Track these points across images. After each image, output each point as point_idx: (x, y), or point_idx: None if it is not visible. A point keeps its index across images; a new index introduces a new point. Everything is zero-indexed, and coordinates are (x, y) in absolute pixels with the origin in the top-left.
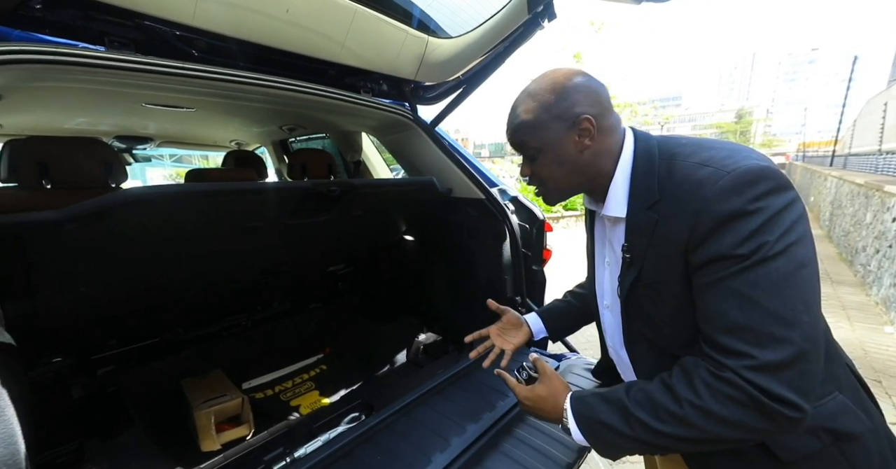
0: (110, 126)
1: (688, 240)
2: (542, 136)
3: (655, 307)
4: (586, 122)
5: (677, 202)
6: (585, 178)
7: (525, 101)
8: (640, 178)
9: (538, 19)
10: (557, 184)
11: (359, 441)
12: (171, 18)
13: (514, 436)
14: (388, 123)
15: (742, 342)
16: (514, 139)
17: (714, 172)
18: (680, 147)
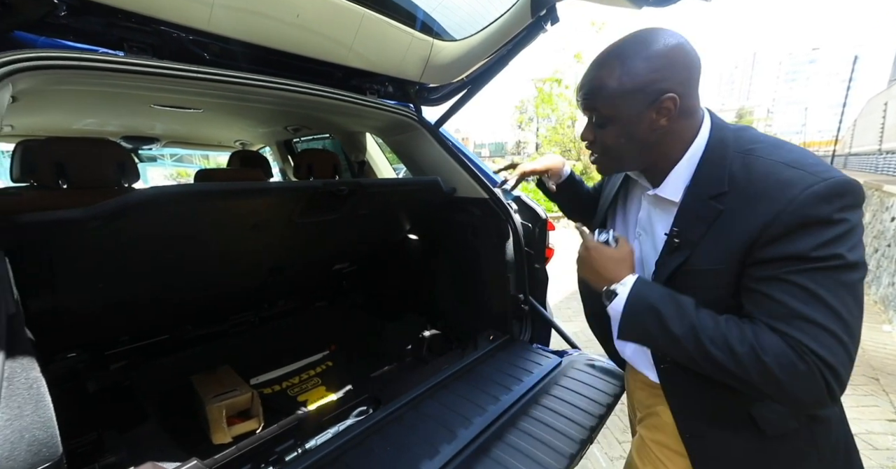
0: (118, 127)
1: (759, 235)
2: (618, 106)
3: (695, 293)
4: (670, 101)
5: (752, 198)
6: (647, 158)
7: (611, 62)
8: (708, 167)
9: (541, 23)
10: (620, 157)
11: (368, 432)
12: (188, 24)
13: (518, 428)
14: (394, 124)
15: (804, 333)
16: (586, 102)
17: (806, 176)
18: (757, 143)
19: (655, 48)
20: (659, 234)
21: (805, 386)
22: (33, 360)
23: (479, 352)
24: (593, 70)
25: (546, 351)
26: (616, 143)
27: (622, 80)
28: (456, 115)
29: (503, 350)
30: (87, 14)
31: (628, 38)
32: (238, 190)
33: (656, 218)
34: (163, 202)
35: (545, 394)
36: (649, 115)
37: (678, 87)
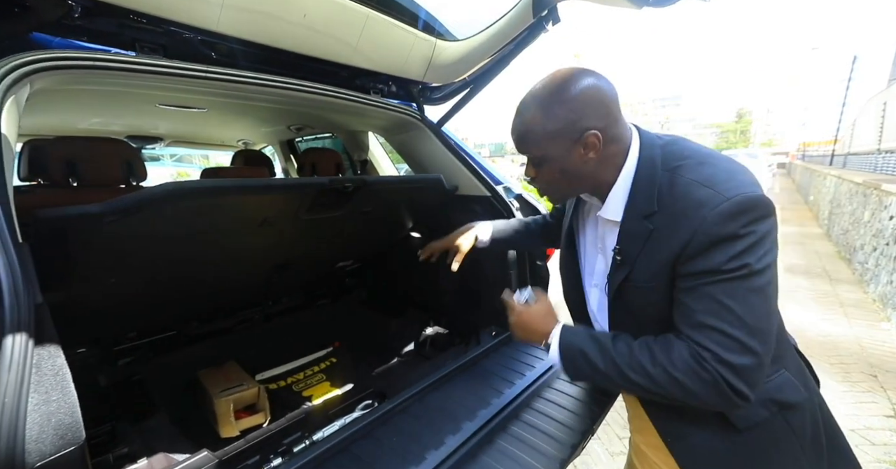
0: (122, 126)
1: (680, 252)
2: (546, 148)
3: (641, 306)
4: (593, 137)
5: (674, 217)
6: (587, 185)
7: (531, 109)
8: (640, 187)
9: (543, 23)
10: (560, 189)
11: (376, 423)
12: (198, 25)
13: (522, 420)
14: (397, 123)
15: (711, 340)
16: (518, 146)
17: (714, 196)
18: (683, 159)
19: (571, 92)
20: (608, 250)
21: (712, 391)
22: (58, 348)
23: (481, 347)
24: (518, 118)
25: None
26: (553, 179)
27: (545, 126)
28: (457, 114)
29: (505, 345)
30: (101, 15)
31: (543, 84)
32: (252, 186)
33: (607, 234)
34: (179, 197)
35: (547, 387)
36: (577, 151)
37: (598, 122)
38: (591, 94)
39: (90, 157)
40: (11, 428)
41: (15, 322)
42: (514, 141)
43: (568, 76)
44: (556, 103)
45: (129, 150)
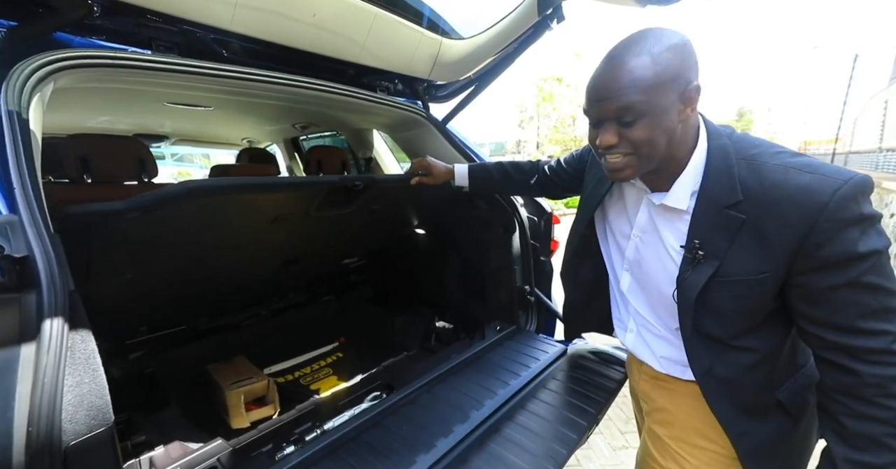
0: (130, 124)
1: (801, 243)
2: (655, 99)
3: (735, 302)
4: (695, 90)
5: (774, 205)
6: (668, 155)
7: (635, 56)
8: (715, 175)
9: (547, 21)
10: (650, 154)
11: (385, 414)
12: (212, 23)
13: (527, 409)
14: (402, 121)
15: (885, 322)
16: (615, 99)
17: (826, 180)
18: (756, 148)
19: (673, 40)
20: (669, 244)
21: None
22: (90, 334)
23: (486, 341)
24: (617, 64)
25: (551, 340)
26: (649, 138)
27: (656, 70)
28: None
29: (510, 339)
30: (119, 14)
31: (639, 36)
32: (268, 184)
33: (662, 224)
34: (200, 194)
35: (552, 379)
36: (677, 106)
37: (698, 76)
38: (690, 48)
39: (104, 155)
40: (50, 407)
41: (52, 308)
42: (604, 93)
43: (663, 30)
44: (665, 50)
45: (141, 148)
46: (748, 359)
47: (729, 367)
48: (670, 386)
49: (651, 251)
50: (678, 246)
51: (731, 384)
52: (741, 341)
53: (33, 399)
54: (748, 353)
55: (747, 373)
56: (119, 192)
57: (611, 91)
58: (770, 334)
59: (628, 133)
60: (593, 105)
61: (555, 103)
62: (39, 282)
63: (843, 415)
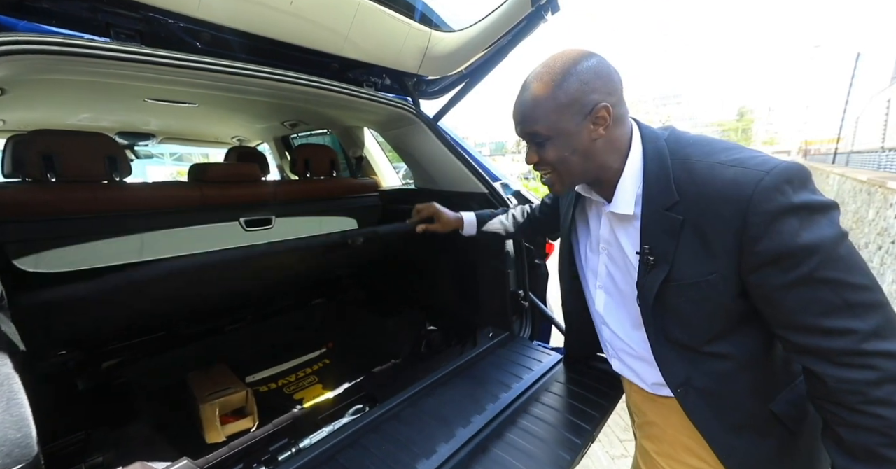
0: (112, 122)
1: (739, 239)
2: (555, 123)
3: (693, 305)
4: (604, 110)
5: (707, 203)
6: (595, 168)
7: (538, 84)
8: (653, 178)
9: (541, 12)
10: (568, 171)
11: (364, 431)
12: (176, 10)
13: (518, 426)
14: (391, 118)
15: (849, 319)
16: (524, 125)
17: (748, 173)
18: (689, 147)
19: (580, 65)
20: (628, 251)
21: None
22: (5, 356)
23: (478, 349)
24: (524, 94)
25: (546, 348)
26: (560, 158)
27: (557, 97)
28: (455, 111)
29: (503, 347)
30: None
31: (548, 62)
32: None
33: (620, 232)
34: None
35: (546, 391)
36: (587, 127)
37: (608, 97)
38: (601, 69)
39: (69, 152)
40: None
41: None
42: (518, 118)
43: (575, 53)
44: (566, 75)
45: (112, 145)
46: (724, 366)
47: (706, 377)
48: (660, 399)
49: (618, 262)
50: (632, 250)
51: (712, 395)
52: (713, 347)
53: None
54: (724, 361)
55: (727, 382)
56: (86, 193)
57: (519, 117)
58: (745, 339)
59: (542, 153)
60: (515, 127)
61: None
62: None
63: (836, 424)
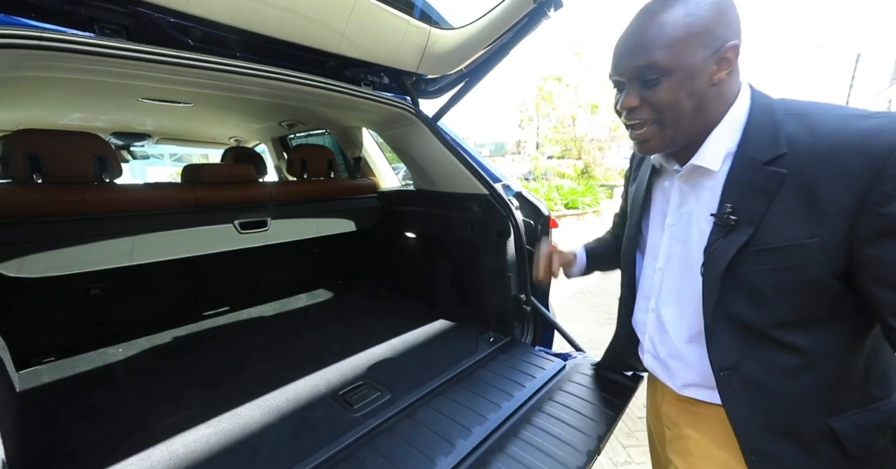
0: (106, 122)
1: (862, 199)
2: (681, 54)
3: (774, 276)
4: (732, 51)
5: (827, 154)
6: (700, 122)
7: (671, 7)
8: (755, 131)
9: (544, 8)
10: (675, 120)
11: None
12: (164, 4)
13: (521, 438)
14: (390, 118)
15: None
16: (639, 54)
17: (892, 122)
18: (812, 106)
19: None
20: (699, 216)
21: None
22: None
23: (479, 355)
24: (646, 17)
25: (549, 354)
26: (673, 100)
27: (687, 22)
28: (455, 111)
29: (504, 353)
30: None
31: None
32: None
33: (693, 195)
34: None
35: (549, 400)
36: (709, 67)
37: (738, 36)
38: (733, 4)
39: (56, 152)
40: None
41: None
42: (629, 47)
43: None
44: (702, 3)
45: (101, 144)
46: (789, 360)
47: (760, 367)
48: (696, 409)
49: (683, 234)
50: (709, 215)
51: (760, 388)
52: (783, 334)
53: None
54: (790, 353)
55: (785, 379)
56: (73, 195)
57: (636, 46)
58: (826, 333)
59: (651, 94)
60: (616, 65)
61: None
62: None
63: None
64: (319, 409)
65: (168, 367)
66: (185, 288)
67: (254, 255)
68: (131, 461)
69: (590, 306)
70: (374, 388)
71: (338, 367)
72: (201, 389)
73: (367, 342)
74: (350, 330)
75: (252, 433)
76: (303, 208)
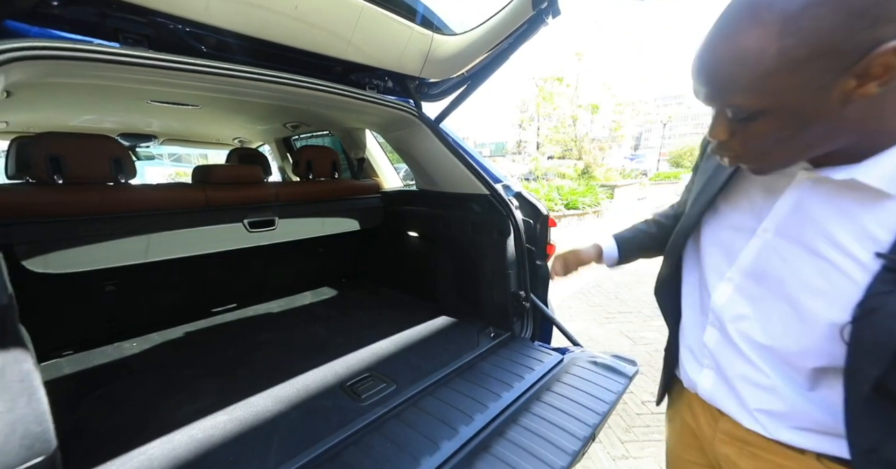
0: (115, 124)
1: None
2: (780, 93)
3: None
4: (889, 55)
5: None
6: (842, 140)
7: (757, 25)
8: None
9: (542, 16)
10: (789, 151)
11: (367, 430)
12: (183, 15)
13: (520, 425)
14: (393, 120)
15: None
16: (721, 96)
17: None
18: None
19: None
20: (839, 246)
21: None
22: (26, 353)
23: (480, 349)
24: (722, 43)
25: (547, 348)
26: (776, 139)
27: (785, 47)
28: (456, 112)
29: (504, 347)
30: (80, 3)
31: None
32: None
33: (828, 216)
34: None
35: (547, 391)
36: (842, 84)
37: (887, 30)
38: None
39: (75, 154)
40: None
41: None
42: (702, 77)
43: None
44: (808, 7)
45: (117, 147)
46: None
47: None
48: (768, 455)
49: (794, 254)
50: (863, 251)
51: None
52: None
53: None
54: None
55: None
56: (92, 195)
57: (711, 80)
58: None
59: (743, 130)
60: (695, 89)
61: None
62: None
63: None
64: (328, 398)
65: (181, 361)
66: (194, 286)
67: (260, 255)
68: (154, 444)
69: (589, 306)
70: (380, 379)
71: (344, 360)
72: (214, 381)
73: (372, 337)
74: (355, 326)
75: (265, 420)
76: (309, 208)
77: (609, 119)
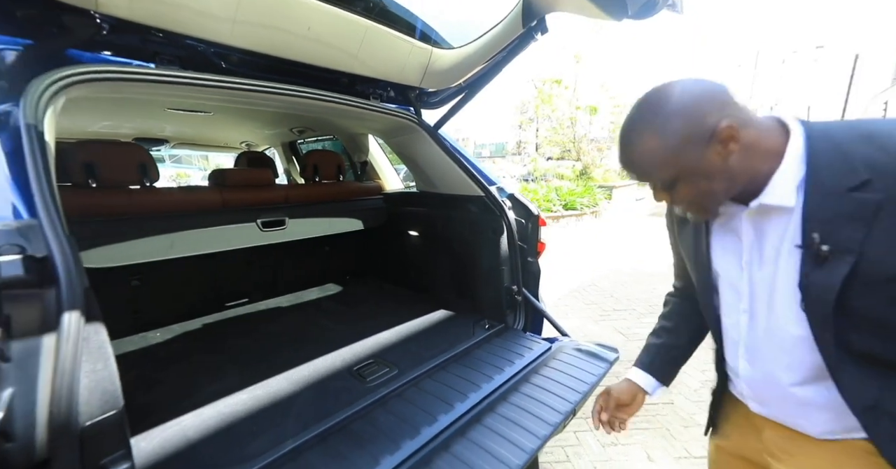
0: (131, 129)
1: None
2: (675, 165)
3: (894, 306)
4: (726, 130)
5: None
6: (742, 180)
7: (639, 138)
8: (823, 160)
9: (532, 33)
10: (711, 199)
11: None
12: (212, 39)
13: (509, 401)
14: (395, 127)
15: None
16: (641, 175)
17: None
18: (867, 125)
19: (676, 99)
20: (784, 251)
21: None
22: (102, 326)
23: (475, 338)
24: (629, 148)
25: (537, 338)
26: (697, 193)
27: (666, 143)
28: (455, 116)
29: (498, 337)
30: (126, 32)
31: (642, 108)
32: None
33: (771, 234)
34: None
35: (535, 374)
36: (714, 149)
37: (722, 111)
38: (697, 91)
39: (109, 161)
40: (68, 391)
41: (70, 302)
42: (631, 172)
43: (661, 91)
44: (666, 118)
45: (143, 154)
46: None
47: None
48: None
49: (766, 270)
50: (792, 247)
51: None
52: None
53: (54, 384)
54: None
55: None
56: (122, 197)
57: (633, 170)
58: None
59: (674, 195)
60: (629, 175)
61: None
62: (58, 279)
63: None
64: (337, 380)
65: (202, 349)
66: (210, 281)
67: (269, 254)
68: (186, 417)
69: (584, 304)
70: (384, 364)
71: (350, 349)
72: (234, 366)
73: (376, 328)
74: (359, 318)
75: (282, 398)
76: (316, 209)
77: (607, 120)
